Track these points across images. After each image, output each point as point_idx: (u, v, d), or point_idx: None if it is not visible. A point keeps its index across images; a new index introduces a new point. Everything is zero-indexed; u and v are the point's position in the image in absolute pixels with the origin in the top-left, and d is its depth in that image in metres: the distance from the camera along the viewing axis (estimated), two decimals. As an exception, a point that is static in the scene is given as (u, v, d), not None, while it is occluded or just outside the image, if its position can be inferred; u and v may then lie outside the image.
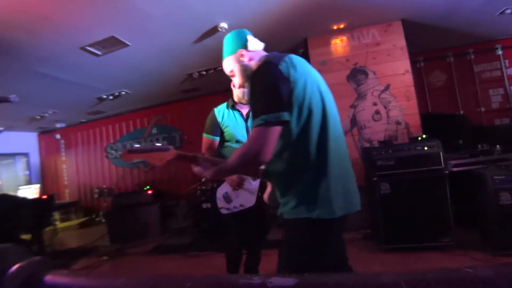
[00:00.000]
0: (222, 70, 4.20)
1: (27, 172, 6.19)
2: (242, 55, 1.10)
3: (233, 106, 1.89)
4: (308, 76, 0.93)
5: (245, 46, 1.11)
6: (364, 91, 3.18)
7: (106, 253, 3.60)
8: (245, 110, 1.89)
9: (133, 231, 4.02)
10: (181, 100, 5.26)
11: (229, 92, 1.50)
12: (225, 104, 1.95)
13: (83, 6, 2.15)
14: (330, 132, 0.91)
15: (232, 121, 1.86)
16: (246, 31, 1.17)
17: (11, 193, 3.57)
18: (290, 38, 3.27)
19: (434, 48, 3.95)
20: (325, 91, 1.00)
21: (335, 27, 3.18)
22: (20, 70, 3.04)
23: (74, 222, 5.37)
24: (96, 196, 5.27)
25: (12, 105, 2.92)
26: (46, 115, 4.95)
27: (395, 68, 3.11)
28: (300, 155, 0.89)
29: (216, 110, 1.93)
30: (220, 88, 4.84)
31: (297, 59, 0.95)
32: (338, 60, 3.26)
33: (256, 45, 1.13)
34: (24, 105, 4.18)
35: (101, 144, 5.87)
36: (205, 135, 1.91)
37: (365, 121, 3.15)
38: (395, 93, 3.10)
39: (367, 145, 3.06)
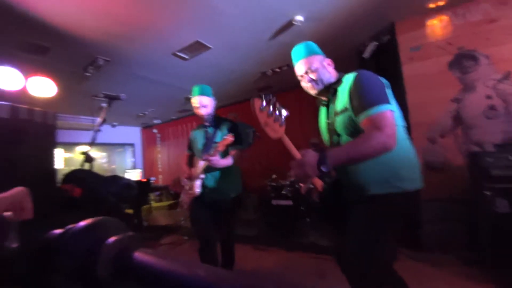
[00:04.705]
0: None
1: (133, 159, 7.60)
2: (329, 63, 1.30)
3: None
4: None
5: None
6: (473, 80, 2.56)
7: (187, 233, 4.08)
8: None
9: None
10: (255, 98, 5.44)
11: (300, 89, 1.44)
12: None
13: (173, 15, 2.43)
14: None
15: None
16: None
17: (121, 175, 4.46)
18: (373, 24, 2.91)
19: None
20: None
21: (432, 5, 2.66)
22: (126, 74, 3.69)
23: (165, 203, 6.28)
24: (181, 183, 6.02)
25: (123, 103, 3.55)
26: (147, 112, 5.93)
27: (522, 50, 2.38)
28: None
29: None
30: (292, 85, 4.78)
31: None
32: (437, 44, 2.72)
33: None
34: (131, 104, 5.11)
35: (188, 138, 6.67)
36: None
37: (474, 118, 2.52)
38: (520, 82, 2.38)
39: (476, 149, 2.45)
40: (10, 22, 2.31)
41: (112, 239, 0.38)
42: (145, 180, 4.64)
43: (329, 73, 1.29)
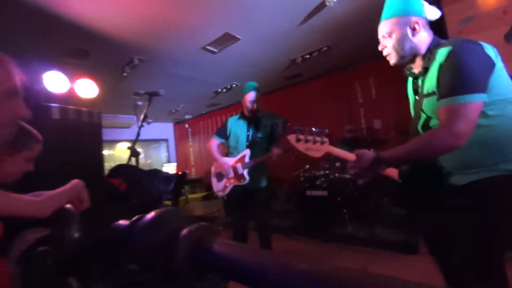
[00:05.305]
0: (326, 52, 3.89)
1: (167, 154, 7.96)
2: (417, 27, 1.03)
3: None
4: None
5: (420, 13, 1.04)
6: (537, 52, 2.24)
7: (222, 223, 4.20)
8: None
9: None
10: (284, 87, 5.34)
11: (330, 75, 1.36)
12: None
13: (201, 8, 2.43)
14: None
15: None
16: None
17: (158, 169, 4.70)
18: None
19: None
20: None
21: (485, -30, 2.35)
22: (159, 72, 3.82)
23: (199, 195, 6.51)
24: (214, 175, 6.18)
25: (159, 100, 3.68)
26: (179, 108, 6.13)
27: None
28: None
29: None
30: (322, 71, 4.60)
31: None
32: (490, 14, 2.41)
33: (433, 14, 1.06)
34: (164, 101, 5.30)
35: (217, 132, 6.80)
36: None
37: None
38: None
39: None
40: (55, 30, 2.49)
41: (187, 229, 0.37)
42: (181, 173, 4.84)
43: (412, 41, 1.03)
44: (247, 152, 2.29)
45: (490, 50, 0.94)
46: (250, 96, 2.29)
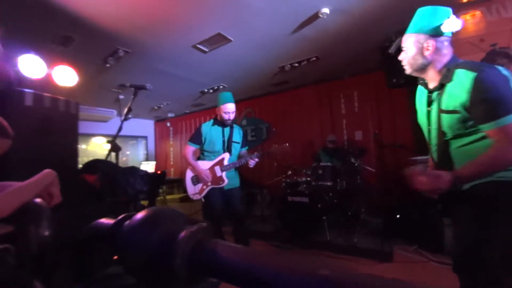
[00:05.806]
0: (314, 62, 3.97)
1: (145, 152, 7.68)
2: (428, 47, 1.11)
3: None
4: None
5: (439, 32, 1.11)
6: (507, 79, 2.44)
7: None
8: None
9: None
10: (270, 93, 5.38)
11: (317, 85, 1.39)
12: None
13: (196, 5, 2.39)
14: None
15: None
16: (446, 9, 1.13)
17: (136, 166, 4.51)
18: (401, 18, 2.79)
19: None
20: None
21: (464, 0, 2.54)
22: (144, 66, 3.68)
23: (176, 196, 6.33)
24: (193, 177, 6.03)
25: (141, 96, 3.55)
26: (162, 106, 5.95)
27: None
28: None
29: None
30: (309, 81, 4.70)
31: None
32: (468, 41, 2.59)
33: (455, 26, 1.11)
34: (147, 97, 5.14)
35: (199, 132, 6.67)
36: None
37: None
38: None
39: None
40: (39, 12, 2.33)
41: (186, 231, 0.34)
42: (159, 172, 4.68)
43: (425, 58, 1.13)
44: (226, 155, 2.39)
45: (506, 73, 1.04)
46: (229, 108, 2.35)
